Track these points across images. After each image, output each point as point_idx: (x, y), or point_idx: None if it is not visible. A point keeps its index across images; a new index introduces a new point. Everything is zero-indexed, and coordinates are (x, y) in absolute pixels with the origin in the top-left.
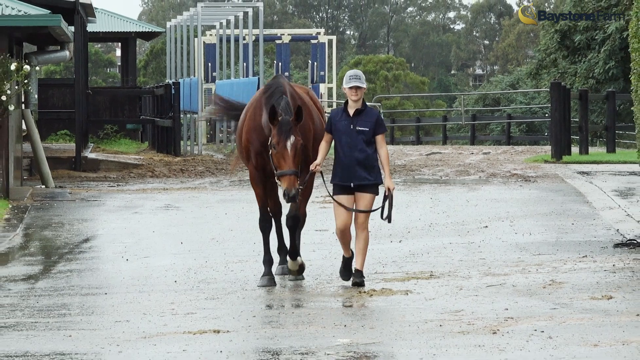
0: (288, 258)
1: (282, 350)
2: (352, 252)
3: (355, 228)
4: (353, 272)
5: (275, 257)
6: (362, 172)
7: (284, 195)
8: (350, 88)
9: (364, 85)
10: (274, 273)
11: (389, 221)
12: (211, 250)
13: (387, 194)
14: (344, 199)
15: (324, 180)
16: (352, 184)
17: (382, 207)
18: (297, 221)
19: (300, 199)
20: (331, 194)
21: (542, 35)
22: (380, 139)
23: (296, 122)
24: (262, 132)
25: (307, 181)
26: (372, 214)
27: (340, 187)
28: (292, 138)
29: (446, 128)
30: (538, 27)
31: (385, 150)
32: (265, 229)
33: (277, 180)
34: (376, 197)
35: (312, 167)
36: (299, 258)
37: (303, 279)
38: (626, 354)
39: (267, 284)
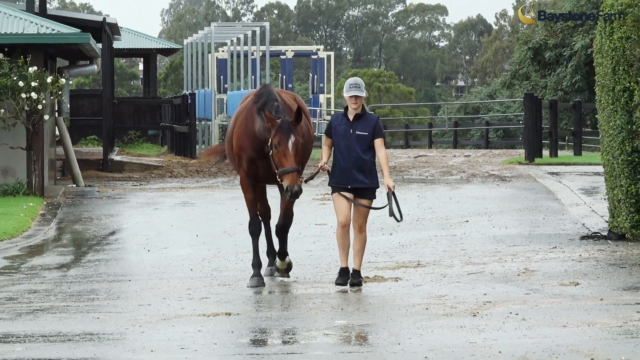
0: (277, 258)
1: (287, 331)
2: (348, 267)
3: (354, 229)
4: (350, 273)
5: (264, 260)
6: (359, 175)
7: (287, 191)
8: (350, 97)
9: (364, 94)
10: (263, 275)
11: (400, 219)
12: (223, 242)
13: (388, 192)
14: (340, 198)
15: (330, 178)
16: (349, 186)
17: (390, 206)
18: (286, 228)
19: (287, 206)
20: (331, 192)
21: (516, 49)
22: (379, 142)
23: (295, 123)
24: (255, 139)
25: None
26: (374, 213)
27: (339, 189)
28: (293, 137)
29: (431, 134)
30: (513, 43)
31: (384, 153)
32: (255, 233)
33: (278, 179)
34: (374, 200)
35: (320, 164)
36: (287, 258)
37: (289, 277)
38: (591, 333)
39: (256, 284)
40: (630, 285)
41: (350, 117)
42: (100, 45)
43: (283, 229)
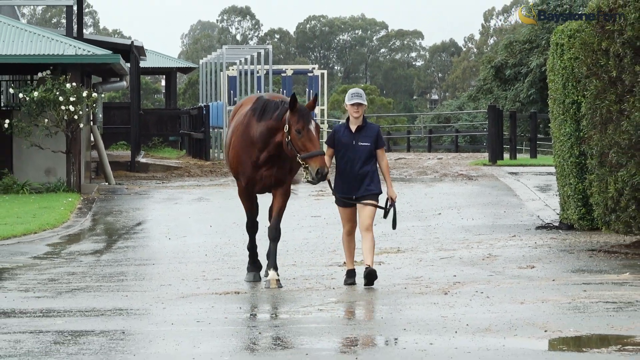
0: (270, 270)
1: (287, 306)
2: (354, 268)
3: (361, 230)
4: (364, 272)
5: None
6: (363, 184)
7: (317, 174)
8: (352, 105)
9: (365, 103)
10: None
11: (394, 228)
12: (233, 231)
13: (389, 203)
14: (345, 210)
15: (331, 187)
16: (354, 196)
17: (386, 211)
18: (279, 233)
19: (279, 209)
20: (335, 202)
21: (481, 69)
22: (380, 152)
23: (311, 109)
24: (253, 149)
25: (286, 190)
26: (376, 218)
27: (343, 200)
28: (313, 122)
29: (409, 139)
30: (479, 63)
31: (386, 162)
32: (253, 233)
33: (301, 162)
34: (378, 203)
35: None
36: (278, 271)
37: (281, 287)
38: (545, 309)
39: (252, 279)
40: (577, 268)
41: (353, 128)
42: (128, 65)
43: (274, 239)
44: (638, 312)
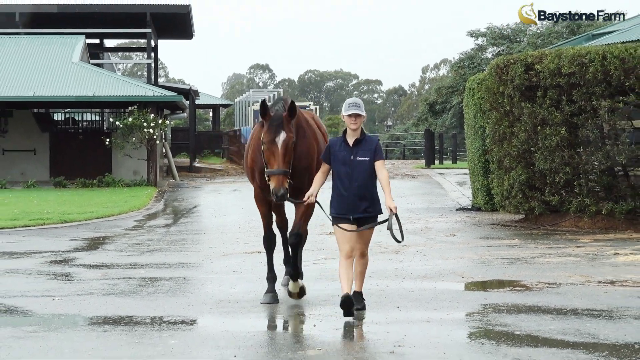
0: (290, 280)
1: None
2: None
3: (356, 255)
4: (352, 295)
5: (279, 273)
6: (362, 204)
7: (272, 194)
8: (350, 116)
9: (363, 113)
10: (276, 289)
11: (402, 239)
12: (257, 212)
13: (390, 214)
14: (344, 232)
15: (322, 209)
16: (351, 217)
17: (391, 226)
18: (299, 239)
19: (302, 219)
20: (332, 224)
21: (420, 105)
22: (379, 164)
23: (289, 118)
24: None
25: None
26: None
27: (340, 220)
28: (283, 134)
29: None
30: (419, 101)
31: (386, 174)
32: (269, 248)
33: (266, 178)
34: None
35: (306, 196)
36: (299, 281)
37: (299, 298)
38: (462, 263)
39: (270, 301)
40: (483, 236)
41: (350, 142)
42: (188, 102)
43: (294, 246)
44: (524, 265)
